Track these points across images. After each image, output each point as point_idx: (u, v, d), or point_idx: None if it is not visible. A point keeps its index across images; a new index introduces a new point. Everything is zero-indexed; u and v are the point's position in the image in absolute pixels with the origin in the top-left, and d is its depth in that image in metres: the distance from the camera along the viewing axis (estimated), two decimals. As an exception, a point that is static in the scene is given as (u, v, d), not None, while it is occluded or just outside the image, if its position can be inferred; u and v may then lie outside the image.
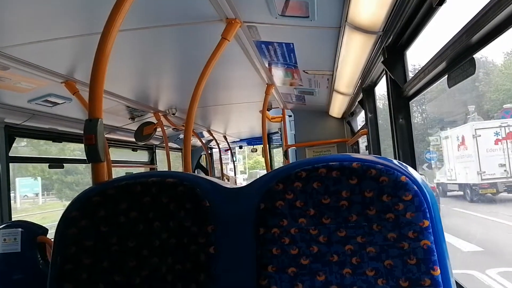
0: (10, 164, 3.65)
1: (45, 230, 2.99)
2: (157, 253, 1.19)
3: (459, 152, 10.25)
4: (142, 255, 1.19)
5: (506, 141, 8.86)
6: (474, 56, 1.48)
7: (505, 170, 8.77)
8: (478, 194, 9.45)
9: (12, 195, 3.78)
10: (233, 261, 1.17)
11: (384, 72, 2.54)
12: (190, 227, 1.18)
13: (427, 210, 1.08)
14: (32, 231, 2.93)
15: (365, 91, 3.39)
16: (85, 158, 1.50)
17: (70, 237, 1.20)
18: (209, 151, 9.29)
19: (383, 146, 3.35)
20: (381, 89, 3.23)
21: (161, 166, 7.18)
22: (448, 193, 10.80)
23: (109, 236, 1.20)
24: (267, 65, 3.30)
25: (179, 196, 1.20)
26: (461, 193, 10.20)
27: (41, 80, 2.93)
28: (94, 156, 1.47)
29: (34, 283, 2.84)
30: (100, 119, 1.49)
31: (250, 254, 1.15)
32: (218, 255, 1.16)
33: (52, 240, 1.28)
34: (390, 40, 2.19)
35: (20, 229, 2.89)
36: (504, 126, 9.06)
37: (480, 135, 9.17)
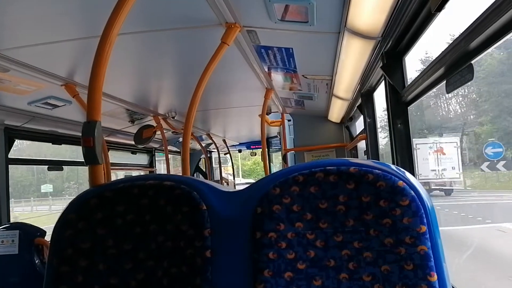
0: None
1: (43, 232, 2.99)
2: (153, 256, 1.19)
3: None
4: (138, 258, 1.19)
5: (437, 153, 12.54)
6: (472, 62, 1.48)
7: (435, 174, 12.37)
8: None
9: None
10: (230, 265, 1.16)
11: (382, 77, 2.55)
12: (187, 231, 1.18)
13: (424, 216, 1.08)
14: (30, 233, 2.93)
15: (364, 96, 3.39)
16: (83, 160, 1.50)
17: (66, 239, 1.19)
18: (208, 155, 9.29)
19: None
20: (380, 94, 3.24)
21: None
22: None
23: (106, 238, 1.20)
24: (266, 70, 3.30)
25: (176, 199, 1.20)
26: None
27: (41, 83, 2.94)
28: (91, 159, 1.47)
29: (32, 285, 2.84)
30: (98, 122, 1.49)
31: (247, 258, 1.15)
32: (215, 259, 1.16)
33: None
34: (389, 45, 2.20)
35: (18, 231, 2.89)
36: (436, 143, 12.72)
37: (419, 148, 12.58)
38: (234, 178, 11.05)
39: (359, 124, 4.65)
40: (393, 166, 1.15)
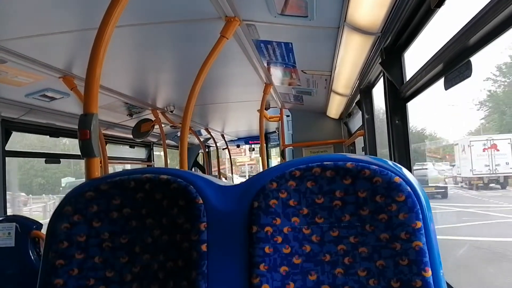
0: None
1: (39, 225, 2.98)
2: (149, 250, 1.19)
3: (462, 155, 14.79)
4: (134, 251, 1.19)
5: (490, 150, 13.45)
6: (470, 58, 1.48)
7: (489, 169, 13.44)
8: (471, 184, 14.31)
9: None
10: (225, 259, 1.16)
11: (381, 73, 2.54)
12: (183, 224, 1.18)
13: (420, 211, 1.08)
14: (27, 226, 2.92)
15: (363, 92, 3.38)
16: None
17: (62, 232, 1.19)
18: (207, 149, 9.29)
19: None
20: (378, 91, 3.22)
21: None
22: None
23: (102, 231, 1.20)
24: (265, 64, 3.29)
25: (172, 193, 1.20)
26: (464, 184, 15.04)
27: (39, 75, 2.92)
28: (88, 151, 1.47)
29: (28, 278, 2.83)
30: (95, 114, 1.49)
31: (243, 252, 1.14)
32: (210, 252, 1.16)
33: None
34: (388, 41, 2.19)
35: (14, 224, 2.88)
36: (489, 140, 13.65)
37: (473, 145, 13.69)
38: (232, 173, 11.05)
39: (358, 121, 4.65)
40: (390, 162, 1.15)
